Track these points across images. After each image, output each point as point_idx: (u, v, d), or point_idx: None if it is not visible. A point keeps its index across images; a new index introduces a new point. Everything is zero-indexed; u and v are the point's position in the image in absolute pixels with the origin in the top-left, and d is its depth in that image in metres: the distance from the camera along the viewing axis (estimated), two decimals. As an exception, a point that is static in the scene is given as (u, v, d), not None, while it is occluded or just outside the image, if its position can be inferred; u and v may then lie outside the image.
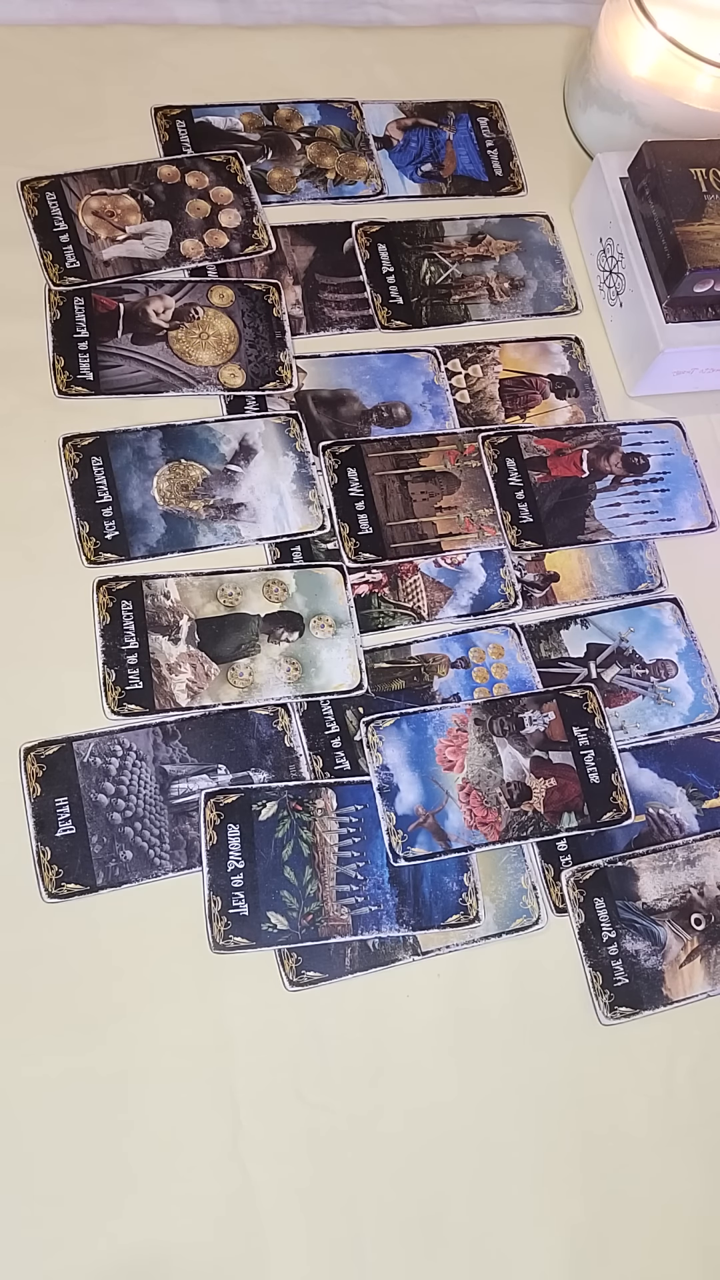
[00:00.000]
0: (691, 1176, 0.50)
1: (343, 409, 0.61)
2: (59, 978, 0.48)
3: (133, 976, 0.49)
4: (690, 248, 0.59)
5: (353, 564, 0.57)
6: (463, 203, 0.68)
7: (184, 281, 0.62)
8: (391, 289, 0.64)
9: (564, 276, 0.67)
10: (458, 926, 0.52)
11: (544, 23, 0.74)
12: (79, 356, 0.59)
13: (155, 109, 0.66)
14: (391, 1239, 0.47)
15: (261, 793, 0.52)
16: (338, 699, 0.55)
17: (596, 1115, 0.50)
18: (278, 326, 0.62)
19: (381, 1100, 0.49)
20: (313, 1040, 0.49)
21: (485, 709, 0.55)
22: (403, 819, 0.53)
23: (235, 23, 0.70)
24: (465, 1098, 0.49)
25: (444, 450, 0.61)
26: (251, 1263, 0.46)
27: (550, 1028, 0.51)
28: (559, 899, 0.53)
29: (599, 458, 0.62)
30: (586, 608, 0.59)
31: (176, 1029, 0.48)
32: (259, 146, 0.67)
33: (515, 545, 0.59)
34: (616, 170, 0.64)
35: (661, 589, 0.60)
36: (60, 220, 0.62)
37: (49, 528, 0.55)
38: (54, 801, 0.50)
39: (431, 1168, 0.48)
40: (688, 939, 0.53)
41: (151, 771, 0.52)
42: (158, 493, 0.57)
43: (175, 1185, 0.46)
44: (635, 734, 0.57)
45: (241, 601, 0.55)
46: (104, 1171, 0.46)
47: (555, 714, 0.56)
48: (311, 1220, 0.47)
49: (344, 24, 0.72)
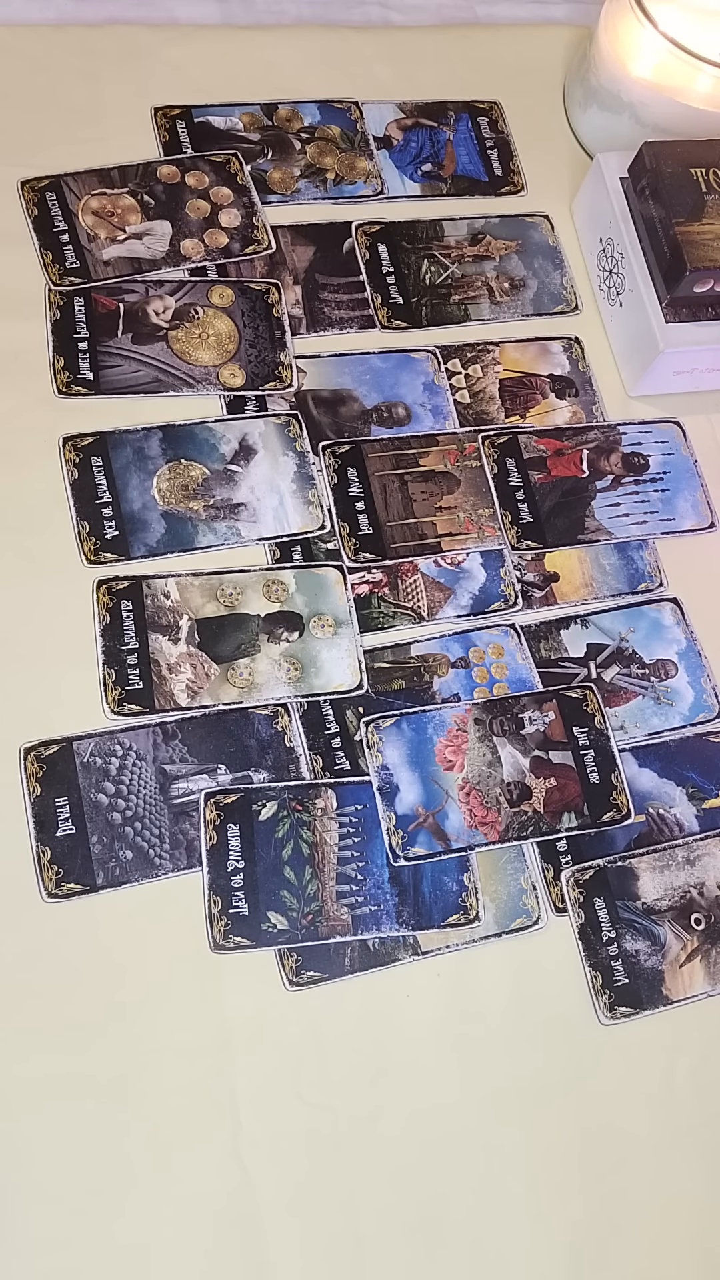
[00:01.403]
0: (691, 1176, 0.50)
1: (343, 409, 0.61)
2: (59, 978, 0.48)
3: (133, 976, 0.49)
4: (690, 248, 0.59)
5: (353, 564, 0.57)
6: (463, 203, 0.68)
7: (184, 281, 0.62)
8: (391, 289, 0.64)
9: (564, 276, 0.67)
10: (458, 926, 0.52)
11: (544, 23, 0.74)
12: (79, 356, 0.59)
13: (155, 109, 0.66)
14: (391, 1239, 0.47)
15: (261, 793, 0.52)
16: (338, 699, 0.55)
17: (596, 1115, 0.50)
18: (278, 326, 0.62)
19: (381, 1100, 0.49)
20: (313, 1040, 0.49)
21: (485, 709, 0.55)
22: (403, 819, 0.53)
23: (235, 23, 0.70)
24: (465, 1098, 0.49)
25: (444, 450, 0.61)
26: (252, 1262, 0.46)
27: (550, 1028, 0.51)
28: (559, 899, 0.53)
29: (599, 458, 0.62)
30: (586, 608, 0.59)
31: (176, 1029, 0.48)
32: (259, 146, 0.67)
33: (515, 545, 0.59)
34: (616, 170, 0.64)
35: (661, 589, 0.60)
36: (60, 220, 0.62)
37: (49, 528, 0.55)
38: (54, 801, 0.50)
39: (431, 1167, 0.48)
40: (688, 939, 0.53)
41: (151, 771, 0.52)
42: (158, 493, 0.57)
43: (175, 1185, 0.46)
44: (635, 734, 0.57)
45: (241, 601, 0.55)
46: (104, 1171, 0.46)
47: (555, 714, 0.56)
48: (311, 1220, 0.47)
49: (344, 24, 0.72)
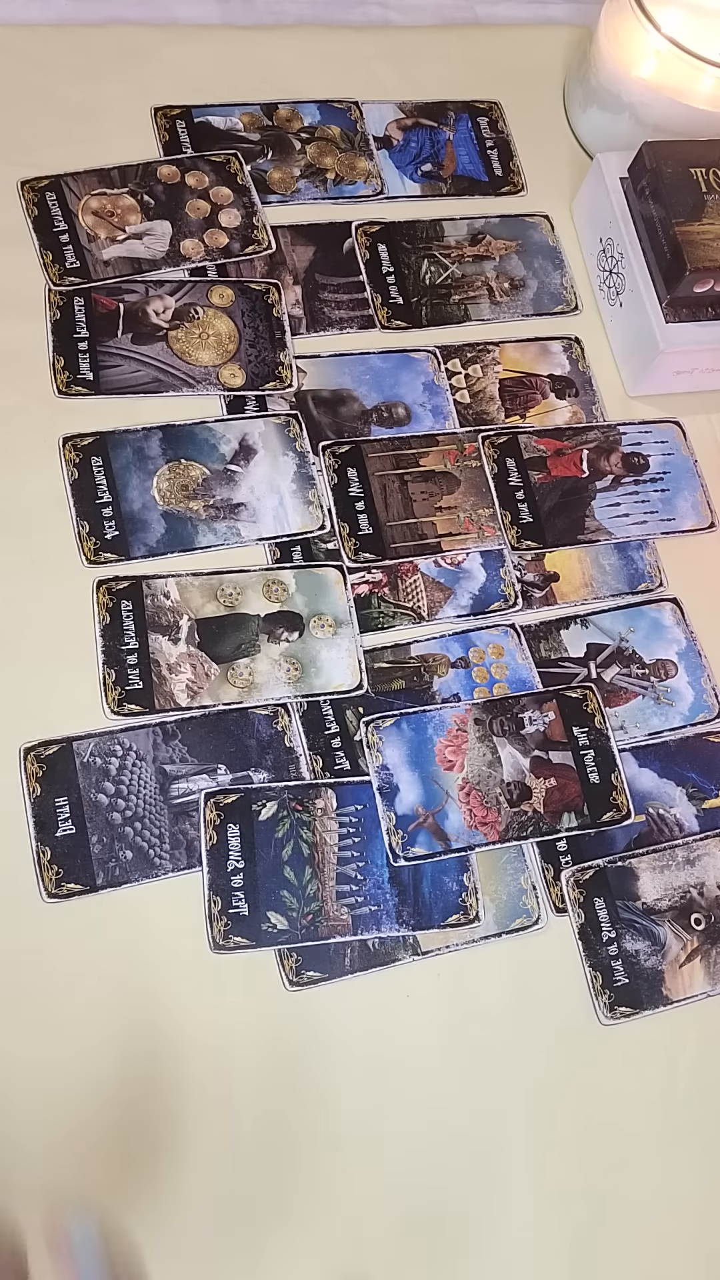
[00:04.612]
0: (691, 1176, 0.50)
1: (343, 409, 0.61)
2: (59, 978, 0.48)
3: (133, 976, 0.49)
4: (690, 248, 0.59)
5: (353, 564, 0.57)
6: (463, 203, 0.68)
7: (184, 281, 0.62)
8: (391, 289, 0.64)
9: (564, 276, 0.67)
10: (458, 926, 0.52)
11: (544, 23, 0.74)
12: (79, 356, 0.59)
13: (155, 109, 0.66)
14: (391, 1238, 0.47)
15: (261, 793, 0.52)
16: (338, 699, 0.55)
17: (596, 1115, 0.50)
18: (278, 326, 0.62)
19: (381, 1100, 0.49)
20: (313, 1040, 0.49)
21: (485, 709, 0.55)
22: (403, 819, 0.53)
23: (235, 23, 0.70)
24: (465, 1098, 0.49)
25: (444, 450, 0.61)
26: (252, 1262, 0.46)
27: (550, 1028, 0.51)
28: (559, 899, 0.53)
29: (599, 458, 0.62)
30: (586, 608, 0.59)
31: (176, 1029, 0.48)
32: (259, 146, 0.66)
33: (515, 545, 0.59)
34: (616, 170, 0.64)
35: (661, 589, 0.60)
36: (60, 220, 0.62)
37: (49, 528, 0.55)
38: (54, 801, 0.50)
39: (431, 1167, 0.48)
40: (688, 939, 0.53)
41: (151, 771, 0.52)
42: (158, 493, 0.57)
43: (175, 1185, 0.46)
44: (635, 734, 0.57)
45: (241, 601, 0.55)
46: (104, 1172, 0.46)
47: (555, 714, 0.56)
48: (311, 1220, 0.47)
49: (344, 24, 0.72)
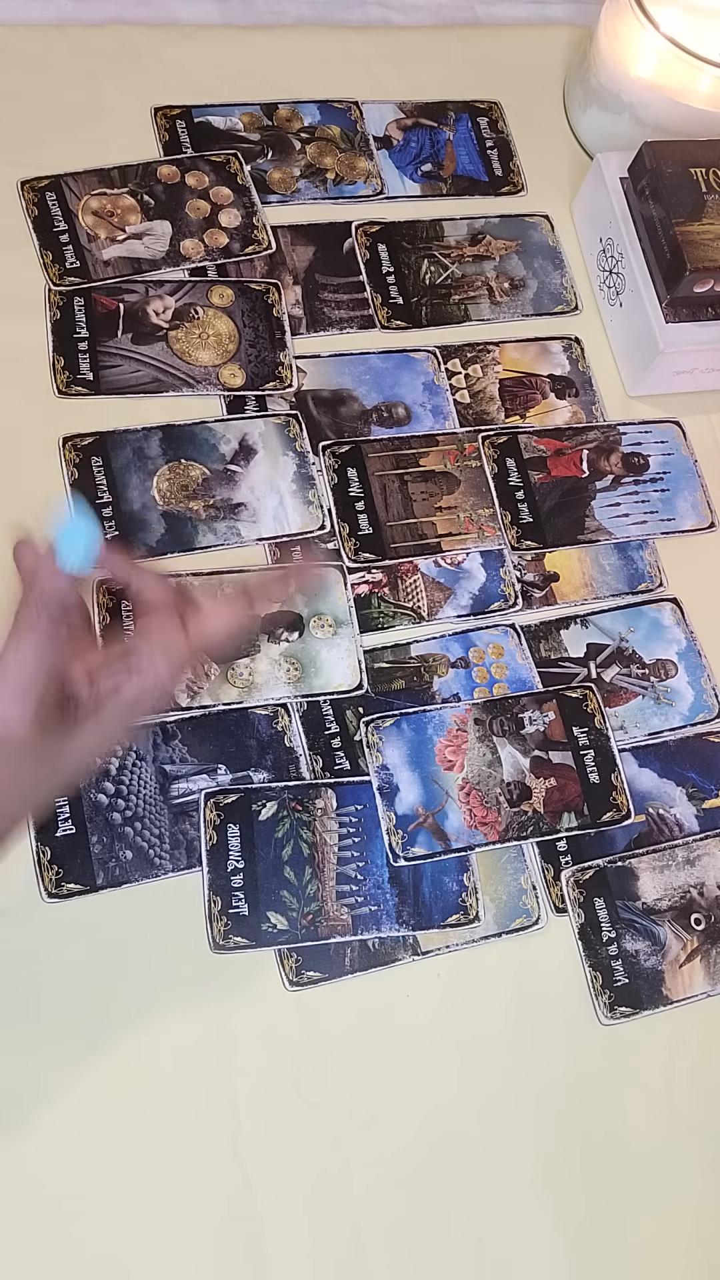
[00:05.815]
0: (691, 1175, 0.50)
1: (343, 409, 0.61)
2: (59, 977, 0.48)
3: (133, 976, 0.49)
4: (690, 248, 0.59)
5: (353, 564, 0.57)
6: (463, 203, 0.68)
7: (184, 281, 0.62)
8: (391, 289, 0.64)
9: (564, 276, 0.67)
10: (458, 926, 0.52)
11: (544, 23, 0.74)
12: (79, 356, 0.59)
13: (155, 109, 0.66)
14: (392, 1238, 0.47)
15: (261, 793, 0.52)
16: (338, 699, 0.55)
17: (596, 1115, 0.50)
18: (278, 326, 0.62)
19: (381, 1100, 0.49)
20: (313, 1040, 0.49)
21: (485, 709, 0.55)
22: (403, 819, 0.53)
23: (235, 23, 0.70)
24: (465, 1097, 0.49)
25: (444, 450, 0.61)
26: (252, 1261, 0.46)
27: (550, 1028, 0.51)
28: (559, 899, 0.53)
29: (599, 458, 0.62)
30: (586, 608, 0.59)
31: (176, 1029, 0.48)
32: (259, 146, 0.66)
33: (515, 545, 0.59)
34: (616, 170, 0.64)
35: (661, 589, 0.60)
36: (60, 220, 0.62)
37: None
38: (54, 801, 0.50)
39: (431, 1166, 0.48)
40: (688, 939, 0.53)
41: (151, 771, 0.52)
42: (158, 493, 0.57)
43: (176, 1185, 0.46)
44: (635, 734, 0.57)
45: (241, 601, 0.55)
46: (104, 1171, 0.46)
47: (555, 714, 0.56)
48: (311, 1219, 0.47)
49: (344, 24, 0.72)
